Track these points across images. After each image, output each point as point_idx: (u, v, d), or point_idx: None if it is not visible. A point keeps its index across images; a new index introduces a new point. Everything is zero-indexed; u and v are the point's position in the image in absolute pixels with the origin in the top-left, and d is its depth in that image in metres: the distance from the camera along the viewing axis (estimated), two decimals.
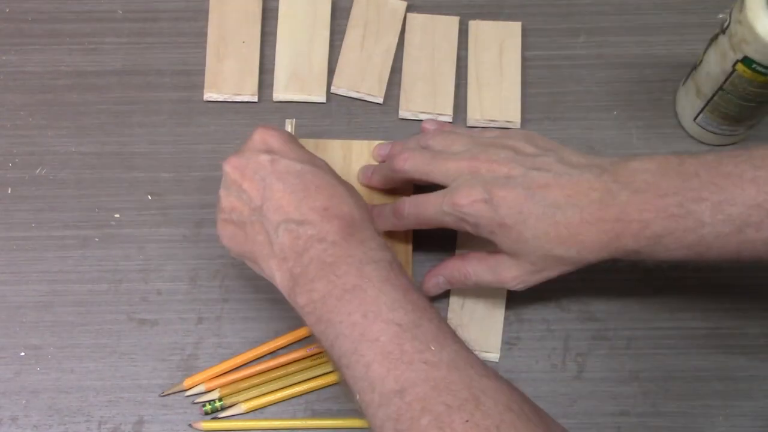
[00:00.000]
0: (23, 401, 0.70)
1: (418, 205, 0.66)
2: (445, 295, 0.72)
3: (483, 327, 0.71)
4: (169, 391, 0.69)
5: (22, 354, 0.71)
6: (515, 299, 0.72)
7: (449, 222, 0.64)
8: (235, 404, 0.69)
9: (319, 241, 0.59)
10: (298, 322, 0.70)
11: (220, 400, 0.69)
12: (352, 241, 0.59)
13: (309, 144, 0.73)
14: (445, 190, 0.64)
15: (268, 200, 0.60)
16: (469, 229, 0.63)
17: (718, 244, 0.58)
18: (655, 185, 0.59)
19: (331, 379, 0.70)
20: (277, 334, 0.71)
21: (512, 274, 0.64)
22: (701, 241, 0.59)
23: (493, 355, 0.70)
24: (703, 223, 0.58)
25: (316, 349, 0.70)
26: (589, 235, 0.60)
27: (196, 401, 0.70)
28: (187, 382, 0.69)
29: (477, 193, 0.62)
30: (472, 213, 0.62)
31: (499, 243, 0.63)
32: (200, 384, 0.69)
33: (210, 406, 0.69)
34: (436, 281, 0.69)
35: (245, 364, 0.70)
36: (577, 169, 0.62)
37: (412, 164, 0.66)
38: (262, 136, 0.63)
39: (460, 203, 0.62)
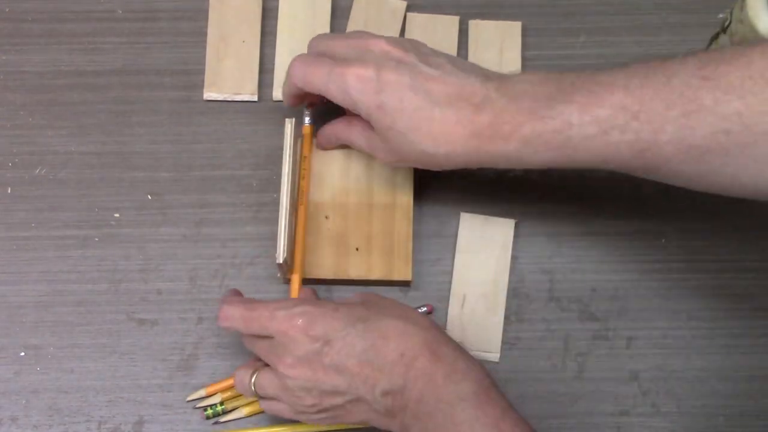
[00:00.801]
0: (23, 401, 0.70)
1: (307, 67, 0.66)
2: (446, 294, 0.72)
3: (483, 327, 0.71)
4: (193, 397, 0.69)
5: (22, 354, 0.71)
6: (515, 299, 0.72)
7: (332, 90, 0.65)
8: (237, 408, 0.69)
9: (411, 397, 0.60)
10: None
11: (221, 404, 0.69)
12: (437, 377, 0.59)
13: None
14: (337, 60, 0.65)
15: (352, 378, 0.60)
16: (347, 104, 0.65)
17: (584, 146, 0.59)
18: (531, 92, 0.61)
19: None
20: None
21: (381, 155, 0.67)
22: (568, 142, 0.60)
23: (493, 355, 0.70)
24: (571, 124, 0.59)
25: None
26: (460, 138, 0.62)
27: (197, 406, 0.69)
28: (209, 390, 0.69)
29: (367, 70, 0.63)
30: (357, 88, 0.63)
31: (373, 125, 0.64)
32: (217, 393, 0.69)
33: (211, 410, 0.69)
34: (328, 138, 0.72)
35: None
36: (465, 72, 0.63)
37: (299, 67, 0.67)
38: (295, 330, 0.62)
39: (347, 75, 0.63)
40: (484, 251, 0.72)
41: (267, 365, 0.64)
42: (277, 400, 0.63)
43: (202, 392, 0.69)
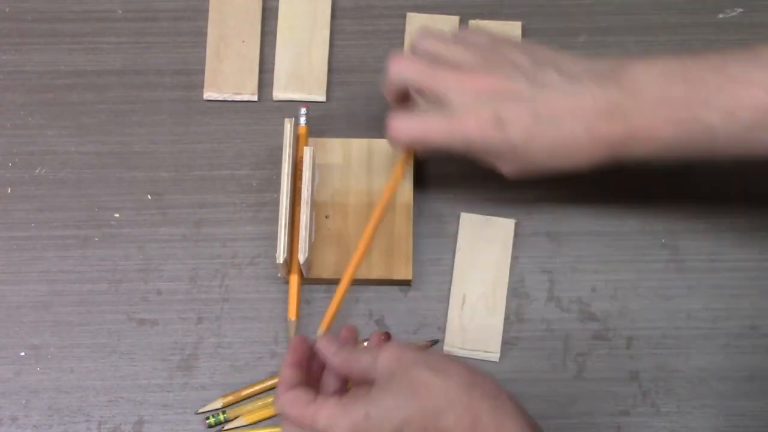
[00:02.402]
0: (23, 401, 0.70)
1: (422, 131, 0.64)
2: (445, 294, 0.72)
3: (483, 327, 0.71)
4: (205, 409, 0.69)
5: (22, 354, 0.71)
6: (515, 299, 0.72)
7: (457, 149, 0.64)
8: (238, 416, 0.69)
9: None
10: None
11: (223, 412, 0.69)
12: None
13: (309, 142, 0.73)
14: (446, 111, 0.63)
15: None
16: (476, 155, 0.64)
17: (728, 146, 0.60)
18: (660, 94, 0.60)
19: None
20: (277, 334, 0.71)
21: (504, 169, 0.65)
22: (712, 146, 0.60)
23: (493, 355, 0.70)
24: (713, 129, 0.59)
25: None
26: (597, 149, 0.61)
27: (199, 411, 0.69)
28: (224, 401, 0.69)
29: (486, 116, 0.62)
30: (483, 140, 0.62)
31: (503, 166, 0.64)
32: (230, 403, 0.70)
33: (213, 419, 0.69)
34: (413, 140, 0.66)
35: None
36: (579, 81, 0.62)
37: (412, 71, 0.65)
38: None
39: (470, 131, 0.62)
40: (484, 251, 0.72)
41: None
42: None
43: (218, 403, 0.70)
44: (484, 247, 0.72)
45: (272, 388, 0.70)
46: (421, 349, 0.60)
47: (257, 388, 0.70)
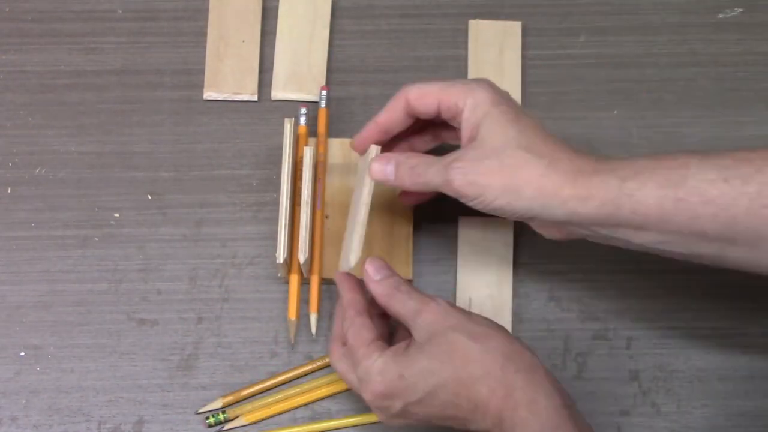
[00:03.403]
0: (23, 401, 0.70)
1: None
2: (446, 294, 0.72)
3: None
4: (205, 409, 0.69)
5: (22, 354, 0.71)
6: (515, 299, 0.72)
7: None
8: (238, 416, 0.69)
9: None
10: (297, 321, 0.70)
11: (223, 412, 0.69)
12: (518, 413, 0.58)
13: (309, 142, 0.73)
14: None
15: (442, 420, 0.61)
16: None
17: (700, 190, 0.57)
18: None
19: (332, 389, 0.70)
20: (277, 334, 0.71)
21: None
22: (682, 182, 0.57)
23: None
24: (688, 165, 0.57)
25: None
26: (554, 186, 0.60)
27: (199, 411, 0.70)
28: (224, 401, 0.69)
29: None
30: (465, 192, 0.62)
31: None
32: (233, 402, 0.70)
33: (213, 419, 0.69)
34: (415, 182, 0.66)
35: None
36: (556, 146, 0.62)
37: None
38: (368, 395, 0.61)
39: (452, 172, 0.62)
40: (485, 252, 0.72)
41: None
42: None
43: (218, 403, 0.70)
44: (486, 248, 0.72)
45: (272, 387, 0.70)
46: (465, 312, 0.61)
47: (257, 388, 0.70)
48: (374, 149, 0.66)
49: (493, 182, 0.60)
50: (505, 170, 0.60)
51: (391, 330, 0.66)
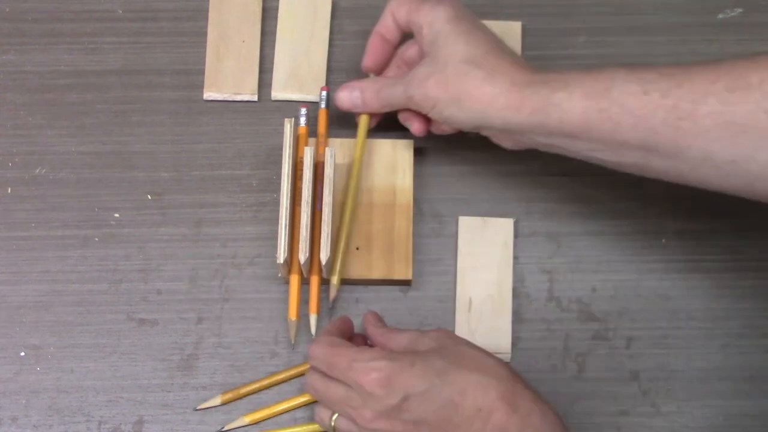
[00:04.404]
0: (23, 401, 0.70)
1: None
2: (446, 294, 0.72)
3: (492, 328, 0.71)
4: (204, 406, 0.69)
5: (22, 354, 0.71)
6: (515, 299, 0.72)
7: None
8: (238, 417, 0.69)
9: None
10: (297, 321, 0.70)
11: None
12: (511, 430, 0.59)
13: (309, 142, 0.73)
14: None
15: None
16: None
17: (621, 100, 0.60)
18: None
19: None
20: (277, 334, 0.71)
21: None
22: (606, 93, 0.61)
23: (505, 356, 0.70)
24: (614, 78, 0.61)
25: None
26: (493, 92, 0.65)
27: (198, 408, 0.69)
28: (223, 398, 0.69)
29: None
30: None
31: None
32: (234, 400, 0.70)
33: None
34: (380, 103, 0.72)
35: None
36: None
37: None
38: (372, 385, 0.60)
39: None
40: (485, 253, 0.72)
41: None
42: None
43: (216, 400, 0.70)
44: (486, 248, 0.72)
45: (272, 386, 0.70)
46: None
47: (256, 386, 0.70)
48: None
49: (440, 94, 0.66)
50: (449, 82, 0.65)
51: None
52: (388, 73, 0.73)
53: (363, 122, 0.72)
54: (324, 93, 0.75)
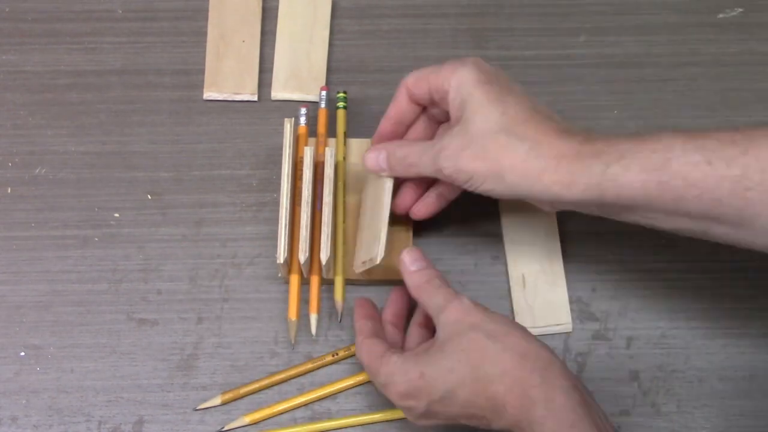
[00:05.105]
0: (23, 401, 0.70)
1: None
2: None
3: (550, 301, 0.71)
4: (204, 406, 0.69)
5: (22, 354, 0.71)
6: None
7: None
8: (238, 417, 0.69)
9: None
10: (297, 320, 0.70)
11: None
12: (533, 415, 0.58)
13: (309, 142, 0.73)
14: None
15: (467, 419, 0.61)
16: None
17: (683, 172, 0.57)
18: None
19: (332, 389, 0.70)
20: (277, 334, 0.71)
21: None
22: (666, 165, 0.57)
23: (566, 326, 0.71)
24: (673, 147, 0.57)
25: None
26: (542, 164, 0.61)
27: (198, 407, 0.69)
28: (223, 398, 0.69)
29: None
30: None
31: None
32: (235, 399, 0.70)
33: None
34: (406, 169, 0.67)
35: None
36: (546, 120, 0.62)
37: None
38: (390, 395, 0.62)
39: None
40: (529, 228, 0.73)
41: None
42: None
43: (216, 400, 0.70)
44: (529, 224, 0.73)
45: (272, 386, 0.70)
46: (486, 310, 0.62)
47: (256, 386, 0.70)
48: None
49: (478, 168, 0.61)
50: (489, 156, 0.61)
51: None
52: (416, 130, 0.69)
53: (341, 117, 0.73)
54: (324, 93, 0.75)
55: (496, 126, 0.61)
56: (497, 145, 0.60)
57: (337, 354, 0.70)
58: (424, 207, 0.70)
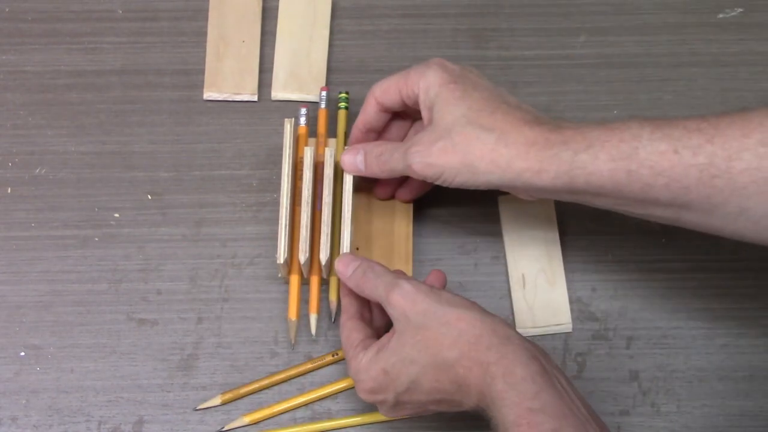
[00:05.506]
0: (23, 401, 0.70)
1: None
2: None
3: (549, 301, 0.71)
4: (204, 406, 0.69)
5: (22, 354, 0.71)
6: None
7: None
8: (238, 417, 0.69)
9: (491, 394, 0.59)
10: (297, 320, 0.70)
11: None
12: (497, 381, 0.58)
13: (309, 142, 0.73)
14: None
15: (437, 405, 0.62)
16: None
17: (650, 162, 0.58)
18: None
19: (332, 389, 0.70)
20: (277, 334, 0.71)
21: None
22: (634, 154, 0.58)
23: (566, 327, 0.71)
24: (640, 137, 0.58)
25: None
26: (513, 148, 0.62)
27: (198, 408, 0.69)
28: (223, 398, 0.69)
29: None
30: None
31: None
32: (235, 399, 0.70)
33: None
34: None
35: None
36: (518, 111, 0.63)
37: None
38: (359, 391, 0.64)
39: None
40: (529, 228, 0.73)
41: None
42: None
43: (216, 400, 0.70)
44: (529, 224, 0.73)
45: (272, 386, 0.70)
46: (433, 293, 0.62)
47: (256, 386, 0.70)
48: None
49: (449, 161, 0.62)
50: (458, 148, 0.62)
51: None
52: (392, 133, 0.71)
53: (342, 117, 0.73)
54: (324, 93, 0.75)
55: (464, 119, 0.62)
56: (465, 138, 0.62)
57: (337, 354, 0.70)
58: (408, 191, 0.72)
